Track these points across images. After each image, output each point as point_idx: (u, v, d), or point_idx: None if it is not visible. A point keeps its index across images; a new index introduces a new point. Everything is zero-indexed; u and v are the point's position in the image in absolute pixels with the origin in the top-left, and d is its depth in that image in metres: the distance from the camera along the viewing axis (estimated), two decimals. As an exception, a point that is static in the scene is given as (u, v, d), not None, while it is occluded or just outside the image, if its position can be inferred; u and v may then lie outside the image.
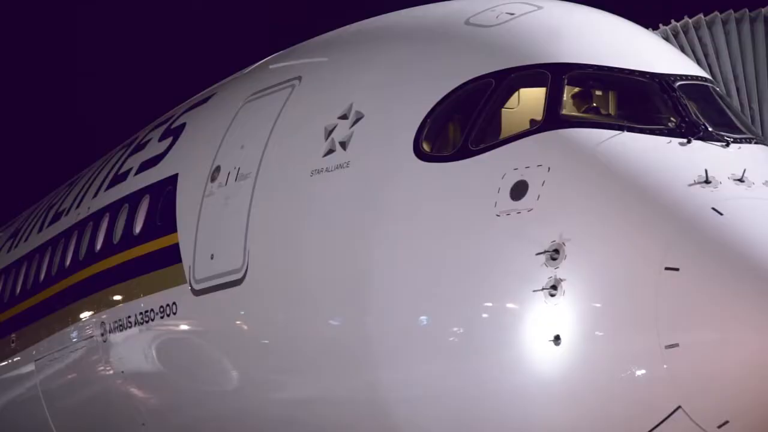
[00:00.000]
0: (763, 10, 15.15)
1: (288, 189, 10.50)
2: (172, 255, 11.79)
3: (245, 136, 11.27)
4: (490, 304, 9.03)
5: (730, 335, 8.25)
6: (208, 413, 11.72)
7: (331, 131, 10.27)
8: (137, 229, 12.68)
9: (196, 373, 11.74)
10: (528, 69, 9.50)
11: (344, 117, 10.24)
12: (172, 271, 11.75)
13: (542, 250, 8.76)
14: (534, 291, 8.73)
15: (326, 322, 10.09)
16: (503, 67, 9.54)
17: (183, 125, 12.98)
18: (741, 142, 9.28)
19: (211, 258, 11.16)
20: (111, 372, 12.96)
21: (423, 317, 9.35)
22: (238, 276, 10.77)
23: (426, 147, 9.61)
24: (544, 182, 8.94)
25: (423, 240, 9.39)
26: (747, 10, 15.13)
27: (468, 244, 9.14)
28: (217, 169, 11.43)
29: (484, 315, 9.06)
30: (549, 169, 8.97)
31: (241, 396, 11.11)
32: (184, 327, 11.80)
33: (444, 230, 9.29)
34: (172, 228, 11.93)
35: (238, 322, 11.02)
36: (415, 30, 10.67)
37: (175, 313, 11.72)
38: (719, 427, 8.32)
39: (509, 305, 8.94)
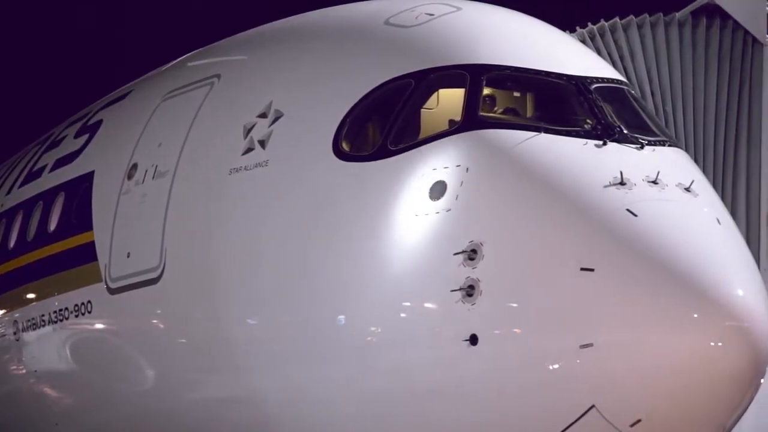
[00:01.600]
0: (677, 14, 15.32)
1: (206, 187, 10.44)
2: (88, 253, 11.67)
3: (163, 134, 11.19)
4: (407, 304, 9.06)
5: (642, 335, 8.36)
6: (121, 413, 11.62)
7: (250, 129, 10.23)
8: (52, 226, 12.54)
9: (110, 373, 11.64)
10: (447, 69, 9.55)
11: (263, 115, 10.21)
12: (87, 269, 11.63)
13: (460, 250, 8.81)
14: (451, 291, 8.77)
15: (243, 322, 10.05)
16: (422, 68, 9.58)
17: (99, 122, 12.86)
18: (655, 145, 9.40)
19: (128, 256, 11.06)
20: (24, 371, 12.79)
21: (341, 316, 9.35)
22: (155, 275, 10.68)
23: (345, 146, 9.61)
24: (462, 183, 8.99)
25: (342, 239, 9.40)
26: (662, 15, 15.29)
27: (386, 244, 9.16)
28: (134, 166, 11.34)
29: (402, 315, 9.08)
30: (467, 169, 9.02)
31: (156, 396, 11.03)
32: (99, 326, 11.69)
33: (363, 230, 9.30)
34: (88, 226, 11.81)
35: (154, 321, 10.94)
36: (335, 29, 10.67)
37: (90, 312, 11.61)
38: (632, 425, 8.42)
39: (426, 305, 8.98)
